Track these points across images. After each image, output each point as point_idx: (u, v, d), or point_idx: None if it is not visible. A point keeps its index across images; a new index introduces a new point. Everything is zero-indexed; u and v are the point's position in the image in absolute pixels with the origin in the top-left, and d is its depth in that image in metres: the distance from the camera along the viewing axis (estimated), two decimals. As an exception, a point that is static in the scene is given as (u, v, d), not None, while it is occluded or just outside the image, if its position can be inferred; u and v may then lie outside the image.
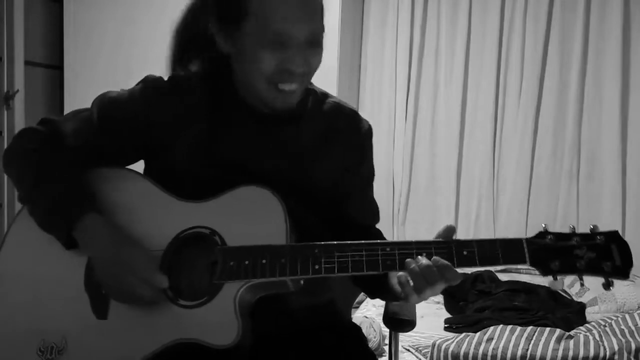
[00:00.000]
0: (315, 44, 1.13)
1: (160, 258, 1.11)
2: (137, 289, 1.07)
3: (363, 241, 1.06)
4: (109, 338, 1.11)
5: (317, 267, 1.04)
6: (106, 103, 1.23)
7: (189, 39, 1.26)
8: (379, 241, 1.07)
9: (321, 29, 1.14)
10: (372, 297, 1.33)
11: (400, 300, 1.12)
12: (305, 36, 1.11)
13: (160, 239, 1.12)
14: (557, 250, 1.02)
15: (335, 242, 1.06)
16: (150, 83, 1.23)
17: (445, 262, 1.03)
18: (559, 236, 1.03)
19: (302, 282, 1.09)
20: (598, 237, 1.02)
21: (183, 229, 1.13)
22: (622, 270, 1.00)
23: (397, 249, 1.04)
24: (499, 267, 3.41)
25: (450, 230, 1.07)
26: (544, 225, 1.06)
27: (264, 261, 1.05)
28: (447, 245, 1.05)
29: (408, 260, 1.04)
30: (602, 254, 1.01)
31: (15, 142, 1.22)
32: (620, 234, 3.08)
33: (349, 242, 1.06)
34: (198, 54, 1.25)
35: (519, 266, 1.05)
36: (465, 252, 1.04)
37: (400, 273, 1.05)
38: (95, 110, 1.22)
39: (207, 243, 1.10)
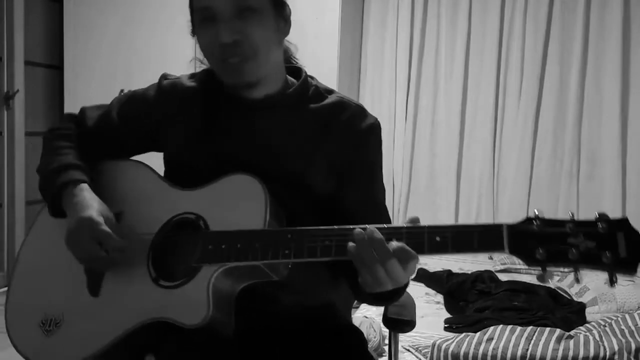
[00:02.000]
0: (245, 11, 1.13)
1: (149, 241, 1.18)
2: (92, 250, 1.15)
3: (335, 227, 1.03)
4: (98, 314, 1.19)
5: (287, 251, 1.04)
6: (125, 99, 1.34)
7: None
8: (349, 227, 1.01)
9: None
10: (360, 301, 1.30)
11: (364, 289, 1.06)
12: (231, 5, 1.13)
13: (154, 223, 1.20)
14: (545, 238, 0.88)
15: (308, 228, 1.05)
16: (159, 79, 1.32)
17: (399, 243, 0.97)
18: (549, 222, 0.89)
19: (284, 271, 1.11)
20: (600, 224, 0.87)
21: (174, 215, 1.19)
22: (628, 264, 0.83)
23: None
24: (498, 267, 3.41)
25: (415, 221, 1.00)
26: (535, 211, 0.92)
27: (238, 245, 1.07)
28: (420, 230, 0.97)
29: (356, 230, 0.98)
30: (604, 244, 0.85)
31: (54, 125, 1.38)
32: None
33: (322, 227, 1.05)
34: None
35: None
36: (438, 238, 0.96)
37: (350, 244, 0.99)
38: (115, 105, 1.34)
39: (194, 228, 1.15)
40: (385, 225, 1.01)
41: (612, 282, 0.84)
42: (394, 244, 0.97)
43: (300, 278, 1.13)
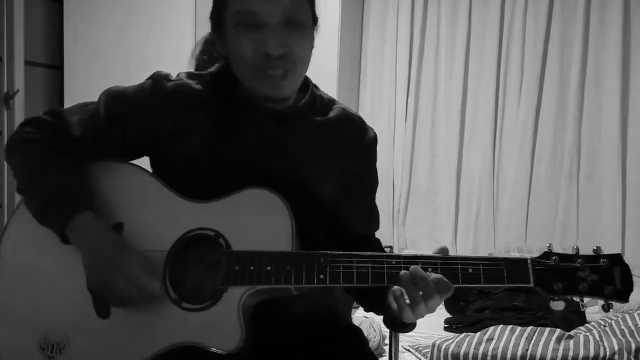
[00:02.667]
0: (293, 24, 1.10)
1: (164, 259, 1.10)
2: (126, 292, 1.06)
3: (370, 253, 1.05)
4: (110, 338, 1.09)
5: (322, 276, 1.03)
6: (113, 96, 1.22)
7: (211, 41, 1.28)
8: (385, 254, 1.05)
9: (301, 8, 1.11)
10: (367, 310, 1.30)
11: (397, 318, 1.09)
12: (280, 16, 1.08)
13: (165, 238, 1.11)
14: (561, 272, 1.02)
15: (341, 252, 1.05)
16: (157, 79, 1.22)
17: (438, 275, 1.02)
18: (564, 257, 1.03)
19: (305, 287, 1.07)
20: (602, 259, 1.02)
21: (188, 230, 1.11)
22: (622, 294, 1.01)
23: (403, 263, 1.03)
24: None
25: (444, 251, 1.06)
26: (548, 245, 1.05)
27: (269, 268, 1.04)
28: (453, 262, 1.04)
29: (403, 272, 1.03)
30: (605, 277, 1.01)
31: (20, 130, 1.21)
32: (620, 233, 3.09)
33: (355, 252, 1.05)
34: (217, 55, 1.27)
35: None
36: (470, 270, 1.03)
37: (395, 287, 1.04)
38: (102, 104, 1.21)
39: (211, 245, 1.09)
40: (419, 255, 1.05)
41: (608, 308, 1.03)
42: (433, 275, 1.02)
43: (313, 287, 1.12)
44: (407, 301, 1.03)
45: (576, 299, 1.04)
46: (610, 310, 1.03)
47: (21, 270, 1.17)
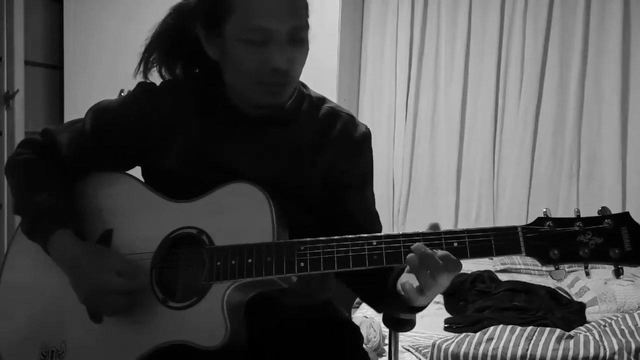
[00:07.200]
0: (297, 41, 1.12)
1: (149, 262, 1.13)
2: (113, 304, 1.09)
3: (349, 236, 1.02)
4: (104, 341, 1.13)
5: (302, 264, 1.02)
6: (99, 112, 1.25)
7: (174, 42, 1.26)
8: (365, 235, 1.02)
9: (305, 26, 1.14)
10: (378, 310, 1.29)
11: (409, 304, 1.07)
12: (287, 32, 1.10)
13: (150, 240, 1.14)
14: (557, 238, 0.94)
15: (320, 238, 1.03)
16: (142, 89, 1.24)
17: (443, 251, 0.97)
18: (560, 222, 0.95)
19: (294, 279, 1.08)
20: (606, 220, 0.93)
21: (172, 230, 1.13)
22: (633, 256, 0.90)
23: (384, 243, 1.00)
24: (498, 267, 3.41)
25: (435, 227, 1.02)
26: (544, 210, 0.97)
27: (249, 260, 1.04)
28: (437, 237, 0.99)
29: (410, 255, 0.98)
30: (610, 240, 0.92)
31: (15, 152, 1.27)
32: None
33: (336, 237, 1.03)
34: (186, 57, 1.25)
35: (517, 259, 0.98)
36: (455, 244, 0.98)
37: (403, 275, 1.02)
38: (88, 120, 1.24)
39: (196, 243, 1.11)
40: (401, 233, 1.00)
41: (618, 274, 0.91)
42: (440, 252, 0.97)
43: (301, 279, 1.13)
44: (417, 284, 1.00)
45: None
46: (621, 276, 0.91)
47: (23, 285, 1.22)
